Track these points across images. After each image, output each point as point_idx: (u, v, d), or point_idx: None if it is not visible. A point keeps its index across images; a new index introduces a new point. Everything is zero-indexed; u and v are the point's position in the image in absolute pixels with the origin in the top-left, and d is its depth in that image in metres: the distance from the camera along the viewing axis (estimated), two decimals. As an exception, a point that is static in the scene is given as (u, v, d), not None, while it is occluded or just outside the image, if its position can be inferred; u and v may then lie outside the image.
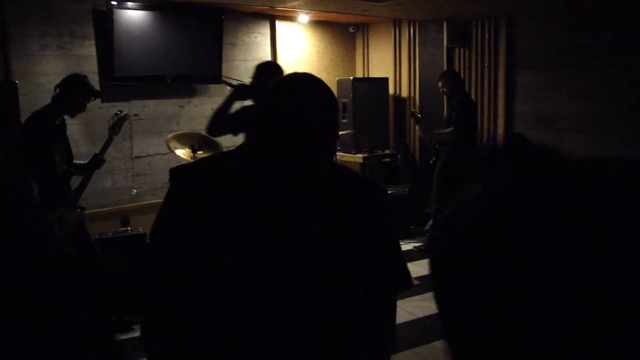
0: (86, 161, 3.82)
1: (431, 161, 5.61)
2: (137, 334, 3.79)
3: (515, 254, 0.44)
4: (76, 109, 3.63)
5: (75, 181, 3.80)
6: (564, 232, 0.43)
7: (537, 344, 0.43)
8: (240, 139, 3.30)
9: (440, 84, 5.62)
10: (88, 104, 4.05)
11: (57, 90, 3.56)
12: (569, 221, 0.43)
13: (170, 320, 1.30)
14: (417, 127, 5.78)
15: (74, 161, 3.88)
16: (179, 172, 1.54)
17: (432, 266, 0.56)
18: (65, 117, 3.75)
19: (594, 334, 0.41)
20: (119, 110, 3.93)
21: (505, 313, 0.45)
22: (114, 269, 3.93)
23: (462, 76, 6.40)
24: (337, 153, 5.32)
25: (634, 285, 0.39)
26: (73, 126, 5.52)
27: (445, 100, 6.60)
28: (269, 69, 3.36)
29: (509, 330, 0.45)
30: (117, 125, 3.82)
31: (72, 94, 3.55)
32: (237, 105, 3.40)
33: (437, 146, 5.59)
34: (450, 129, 5.43)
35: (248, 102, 3.43)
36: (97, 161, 3.76)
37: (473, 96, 6.29)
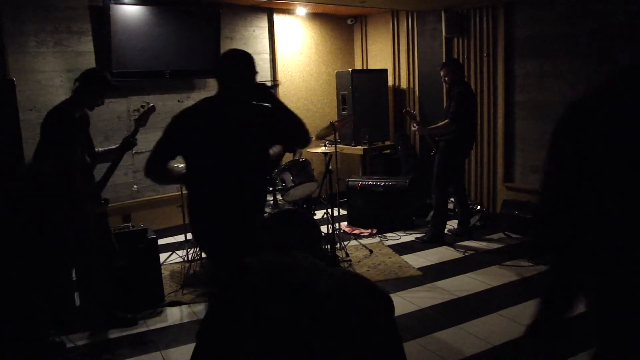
0: (116, 145, 3.82)
1: (432, 153, 5.60)
2: (142, 329, 3.81)
3: None
4: (94, 102, 3.63)
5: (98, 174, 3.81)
6: None
7: None
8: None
9: (442, 73, 5.57)
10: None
11: (77, 83, 3.55)
12: None
13: None
14: (414, 125, 5.72)
15: (104, 148, 3.90)
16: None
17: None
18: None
19: None
20: (145, 102, 3.92)
21: None
22: (116, 265, 3.93)
23: (461, 66, 6.38)
24: (338, 146, 5.29)
25: None
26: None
27: (444, 90, 6.59)
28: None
29: None
30: (143, 117, 3.79)
31: (91, 87, 3.54)
32: None
33: (436, 138, 5.57)
34: (445, 121, 5.40)
35: None
36: (128, 142, 3.73)
37: (472, 86, 6.26)
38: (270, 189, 4.71)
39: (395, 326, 1.68)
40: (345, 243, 5.36)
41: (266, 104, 2.89)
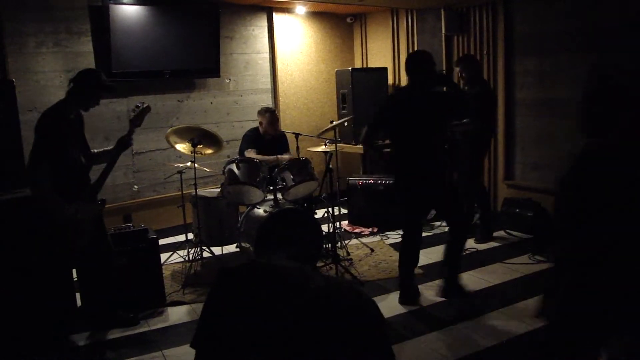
0: (112, 147, 3.77)
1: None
2: (144, 329, 3.81)
3: None
4: (89, 103, 3.58)
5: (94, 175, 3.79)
6: None
7: None
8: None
9: (458, 69, 5.48)
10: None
11: (71, 84, 3.52)
12: None
13: None
14: None
15: (101, 149, 3.88)
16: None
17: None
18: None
19: None
20: (140, 102, 3.87)
21: None
22: (117, 265, 3.92)
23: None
24: (338, 144, 5.28)
25: None
26: (72, 123, 5.51)
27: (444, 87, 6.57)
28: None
29: None
30: (138, 117, 3.73)
31: (86, 88, 3.51)
32: None
33: (456, 136, 5.51)
34: (466, 120, 5.31)
35: None
36: (123, 143, 3.69)
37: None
38: (271, 187, 4.71)
39: (384, 330, 1.68)
40: (346, 242, 5.35)
41: (444, 91, 4.20)
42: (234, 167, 4.60)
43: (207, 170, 5.25)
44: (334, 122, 5.15)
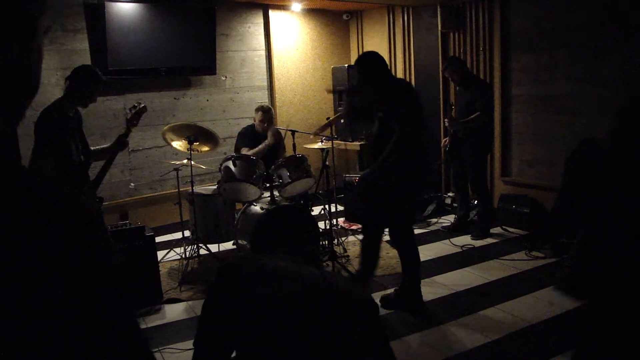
0: (109, 144, 3.83)
1: (446, 148, 5.67)
2: (141, 326, 3.80)
3: None
4: (88, 99, 3.63)
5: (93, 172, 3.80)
6: None
7: None
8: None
9: (446, 73, 5.47)
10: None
11: (68, 82, 3.56)
12: None
13: None
14: (446, 121, 5.69)
15: (98, 146, 3.92)
16: None
17: None
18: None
19: None
20: (137, 102, 3.92)
21: None
22: (115, 263, 3.92)
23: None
24: (335, 142, 5.26)
25: None
26: (68, 121, 5.50)
27: (441, 85, 6.59)
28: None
29: None
30: (135, 117, 3.81)
31: (84, 84, 3.55)
32: None
33: (460, 135, 5.51)
34: (477, 114, 5.30)
35: None
36: (121, 142, 3.74)
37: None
38: (267, 185, 4.71)
39: (380, 327, 1.67)
40: (343, 239, 5.36)
41: None
42: (230, 164, 4.59)
43: (204, 167, 5.25)
44: (330, 119, 5.14)
